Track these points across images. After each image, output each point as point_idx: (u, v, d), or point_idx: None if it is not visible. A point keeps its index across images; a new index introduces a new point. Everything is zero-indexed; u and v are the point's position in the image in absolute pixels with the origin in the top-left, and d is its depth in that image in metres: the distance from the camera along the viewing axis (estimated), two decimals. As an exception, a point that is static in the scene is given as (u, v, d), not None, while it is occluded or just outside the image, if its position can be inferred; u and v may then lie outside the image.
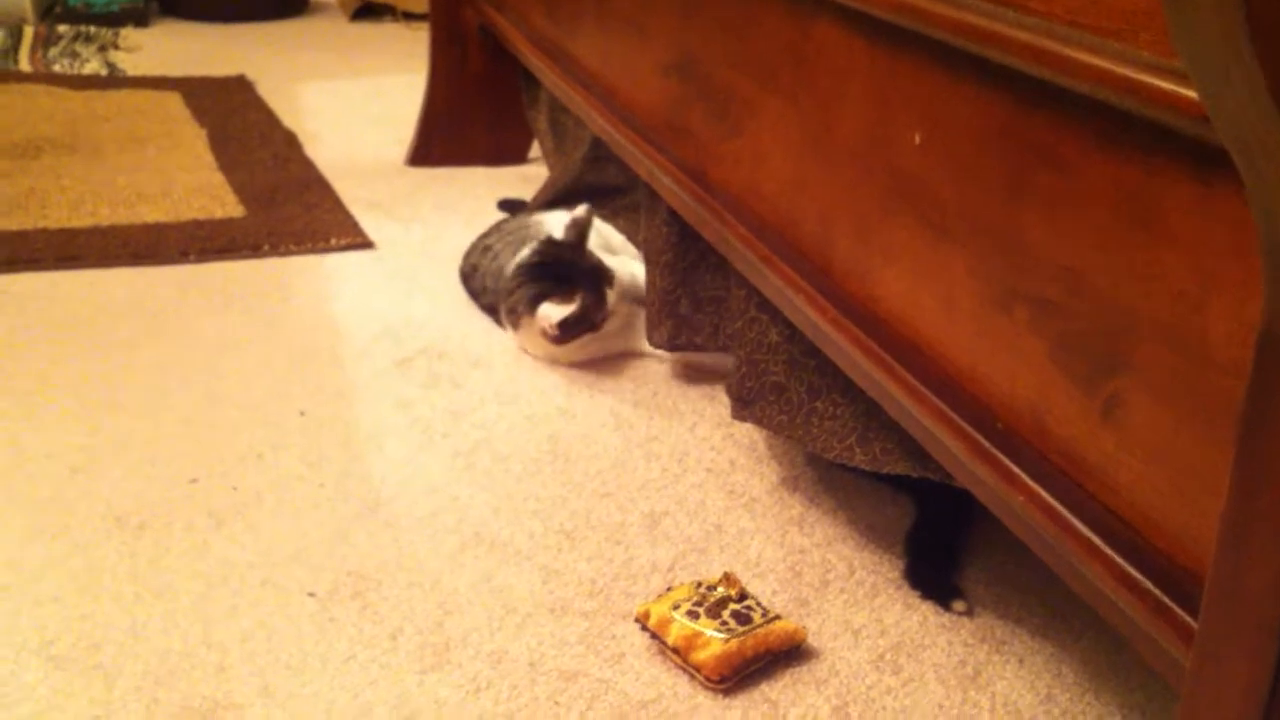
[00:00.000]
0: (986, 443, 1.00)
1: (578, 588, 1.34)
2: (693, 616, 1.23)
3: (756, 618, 1.24)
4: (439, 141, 2.80)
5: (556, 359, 1.84)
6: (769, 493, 1.54)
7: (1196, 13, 0.55)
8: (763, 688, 1.21)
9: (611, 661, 1.24)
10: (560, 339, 1.79)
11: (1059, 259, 0.93)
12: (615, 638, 1.27)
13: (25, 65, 3.53)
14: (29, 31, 3.89)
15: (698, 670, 1.21)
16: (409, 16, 4.37)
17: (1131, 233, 0.85)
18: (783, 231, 1.38)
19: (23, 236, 2.21)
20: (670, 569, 1.38)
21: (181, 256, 2.18)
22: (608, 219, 2.14)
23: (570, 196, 2.23)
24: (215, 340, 1.88)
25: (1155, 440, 0.85)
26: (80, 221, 2.30)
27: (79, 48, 3.74)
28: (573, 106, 2.06)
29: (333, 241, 2.27)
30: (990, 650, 1.28)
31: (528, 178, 2.71)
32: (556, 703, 1.18)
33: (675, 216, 1.66)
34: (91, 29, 3.98)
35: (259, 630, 1.25)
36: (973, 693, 1.22)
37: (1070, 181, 0.91)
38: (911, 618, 1.33)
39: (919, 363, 1.11)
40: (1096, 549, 0.88)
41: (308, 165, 2.71)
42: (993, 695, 1.22)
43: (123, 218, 2.33)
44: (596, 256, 1.87)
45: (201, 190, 2.51)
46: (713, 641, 1.20)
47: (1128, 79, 0.80)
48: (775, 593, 1.35)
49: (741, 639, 1.21)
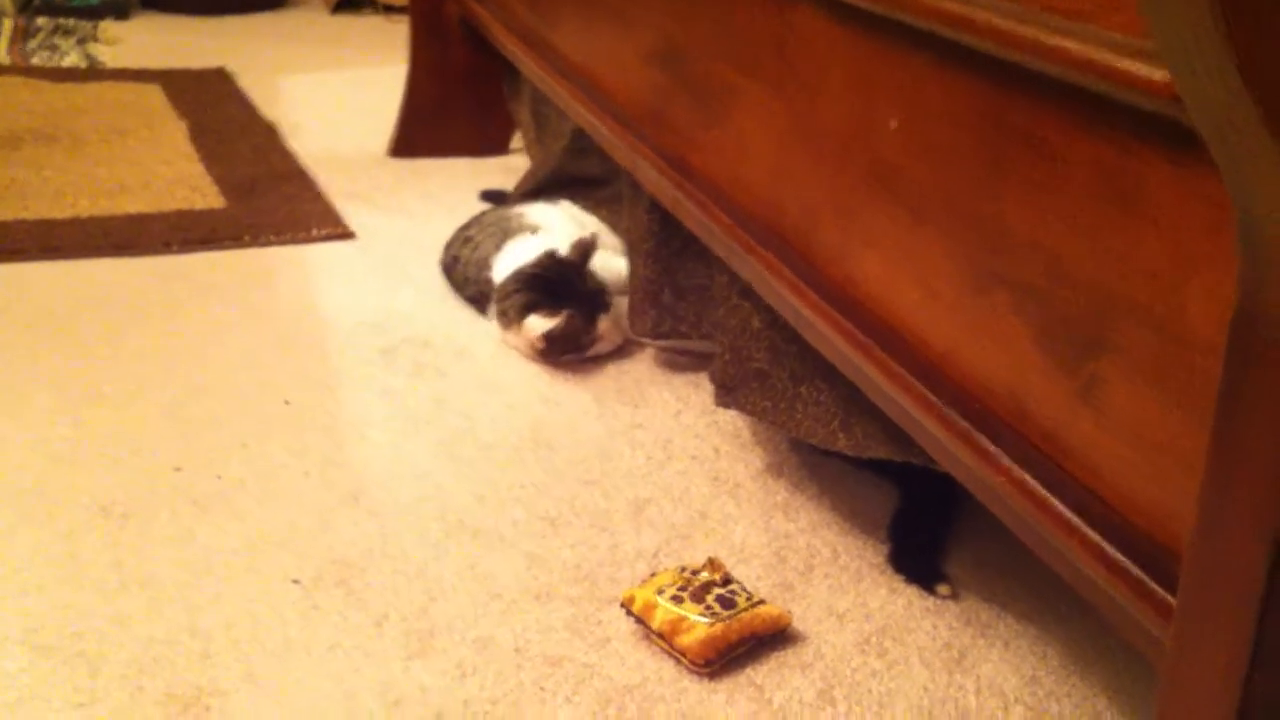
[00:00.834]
0: (966, 425, 1.01)
1: (562, 574, 1.35)
2: (677, 601, 1.24)
3: (741, 602, 1.25)
4: (421, 133, 2.80)
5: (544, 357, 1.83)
6: (753, 479, 1.54)
7: (1169, -10, 0.55)
8: (748, 671, 1.22)
9: (596, 646, 1.24)
10: (545, 353, 1.79)
11: (1037, 241, 0.93)
12: (600, 623, 1.27)
13: (4, 58, 3.51)
14: (7, 24, 3.87)
15: (683, 654, 1.21)
16: (389, 9, 4.36)
17: (1109, 214, 0.86)
18: (764, 218, 1.38)
19: (4, 227, 2.20)
20: (655, 555, 1.39)
21: (163, 247, 2.17)
22: (589, 210, 2.14)
23: (551, 187, 2.23)
24: (198, 330, 1.88)
25: (1134, 421, 0.86)
26: (61, 213, 2.29)
27: (58, 40, 3.73)
28: (554, 97, 2.06)
29: (314, 232, 2.27)
30: (975, 633, 1.29)
31: (510, 168, 2.71)
32: (542, 688, 1.18)
33: (657, 205, 1.66)
34: (70, 21, 3.96)
35: (243, 618, 1.25)
36: (958, 675, 1.23)
37: (1047, 164, 0.91)
38: (896, 601, 1.33)
39: (899, 347, 1.12)
40: (1076, 529, 0.88)
41: (288, 157, 2.70)
42: (978, 678, 1.23)
43: (104, 209, 2.33)
44: (599, 281, 1.86)
45: (182, 181, 2.50)
46: (697, 626, 1.21)
47: (1101, 62, 0.80)
48: (760, 578, 1.36)
49: (726, 623, 1.22)
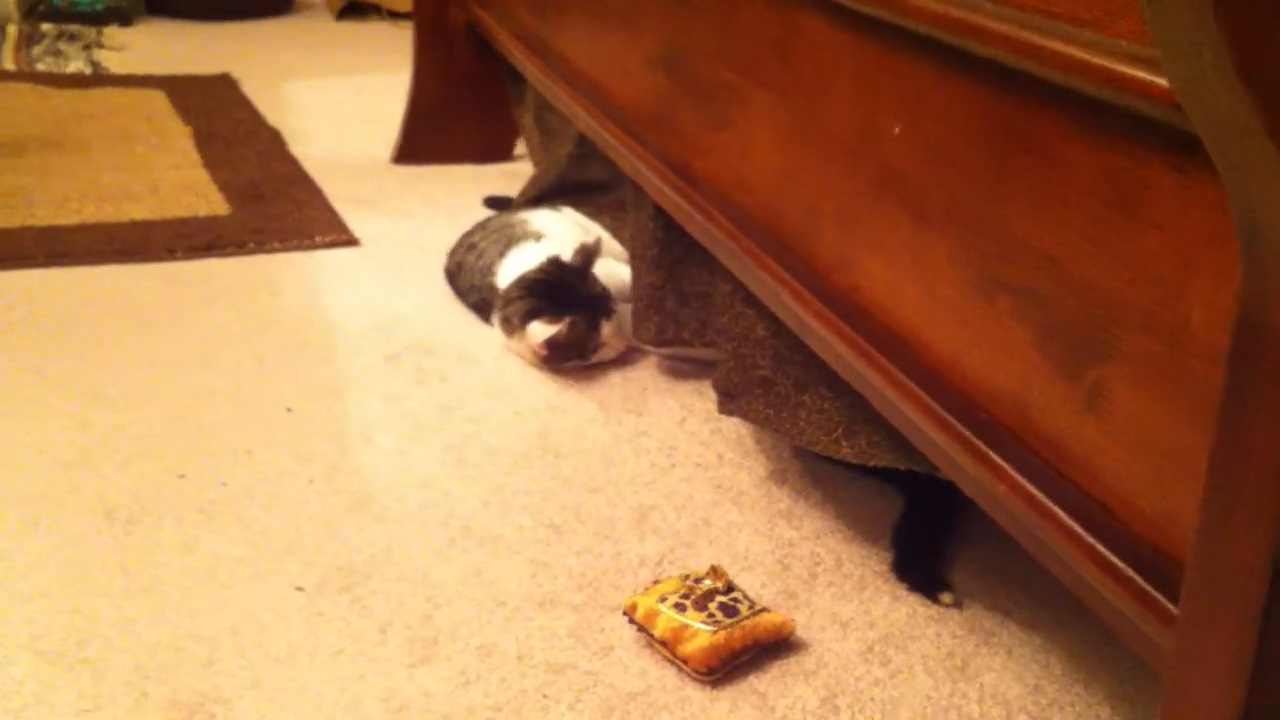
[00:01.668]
0: (969, 433, 1.01)
1: (566, 581, 1.35)
2: (680, 609, 1.23)
3: (744, 610, 1.25)
4: (425, 139, 2.80)
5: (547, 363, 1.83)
6: (757, 486, 1.54)
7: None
8: (751, 679, 1.22)
9: (600, 654, 1.24)
10: (548, 359, 1.79)
11: (1040, 247, 0.93)
12: (603, 630, 1.27)
13: (9, 64, 3.52)
14: (12, 30, 3.88)
15: (685, 662, 1.21)
16: (395, 15, 4.37)
17: (1112, 220, 0.86)
18: (767, 225, 1.38)
19: (9, 234, 2.21)
20: (658, 562, 1.39)
21: (168, 254, 2.18)
22: (592, 216, 2.14)
23: (555, 193, 2.23)
24: (203, 336, 1.88)
25: (1137, 427, 0.86)
26: (66, 219, 2.30)
27: (63, 46, 3.73)
28: (558, 103, 2.06)
29: (318, 238, 2.27)
30: (978, 642, 1.29)
31: (514, 175, 2.72)
32: (545, 695, 1.18)
33: (661, 212, 1.66)
34: (75, 28, 3.97)
35: (248, 624, 1.25)
36: (961, 684, 1.23)
37: (1051, 170, 0.91)
38: (899, 610, 1.33)
39: (902, 354, 1.12)
40: (1079, 537, 0.88)
41: (293, 163, 2.70)
42: (981, 686, 1.23)
43: (109, 215, 2.33)
44: (602, 286, 1.86)
45: (187, 188, 2.50)
46: (700, 634, 1.21)
47: (1104, 68, 0.81)
48: (763, 585, 1.36)
49: (729, 631, 1.22)
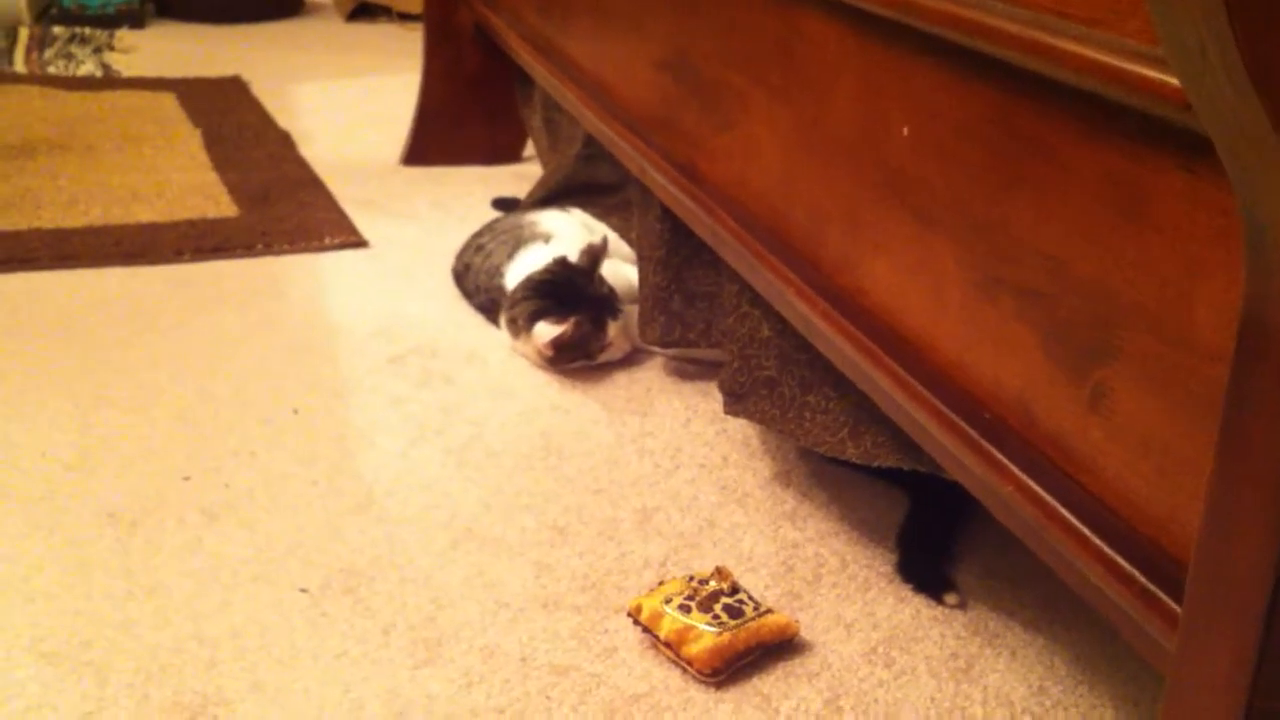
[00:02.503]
0: (974, 433, 1.00)
1: (570, 583, 1.34)
2: (684, 610, 1.23)
3: (748, 611, 1.24)
4: (433, 140, 2.80)
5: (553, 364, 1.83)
6: (761, 487, 1.54)
7: (1174, -7, 0.55)
8: (755, 681, 1.21)
9: (603, 656, 1.24)
10: (554, 360, 1.79)
11: (1046, 248, 0.93)
12: (607, 632, 1.27)
13: (20, 67, 3.53)
14: (24, 33, 3.89)
15: (689, 664, 1.21)
16: (404, 17, 4.37)
17: (1118, 221, 0.85)
18: (773, 225, 1.38)
19: (17, 236, 2.21)
20: (662, 564, 1.38)
21: (175, 256, 2.18)
22: (600, 217, 2.14)
23: (563, 194, 2.23)
24: (208, 338, 1.88)
25: (1141, 428, 0.85)
26: (74, 221, 2.30)
27: (74, 49, 3.74)
28: (565, 104, 2.06)
29: (327, 240, 2.27)
30: (982, 643, 1.28)
31: (522, 176, 2.71)
32: (548, 697, 1.18)
33: (667, 213, 1.66)
34: (86, 30, 3.98)
35: (251, 626, 1.25)
36: (965, 685, 1.22)
37: (1057, 171, 0.91)
38: (904, 611, 1.33)
39: (907, 354, 1.12)
40: (1083, 537, 0.88)
41: (302, 165, 2.71)
42: (985, 688, 1.22)
43: (117, 217, 2.33)
44: (609, 286, 1.86)
45: (196, 190, 2.51)
46: (704, 635, 1.21)
47: (1113, 67, 0.80)
48: (767, 587, 1.35)
49: (734, 632, 1.21)
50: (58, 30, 3.95)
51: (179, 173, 2.61)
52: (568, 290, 1.82)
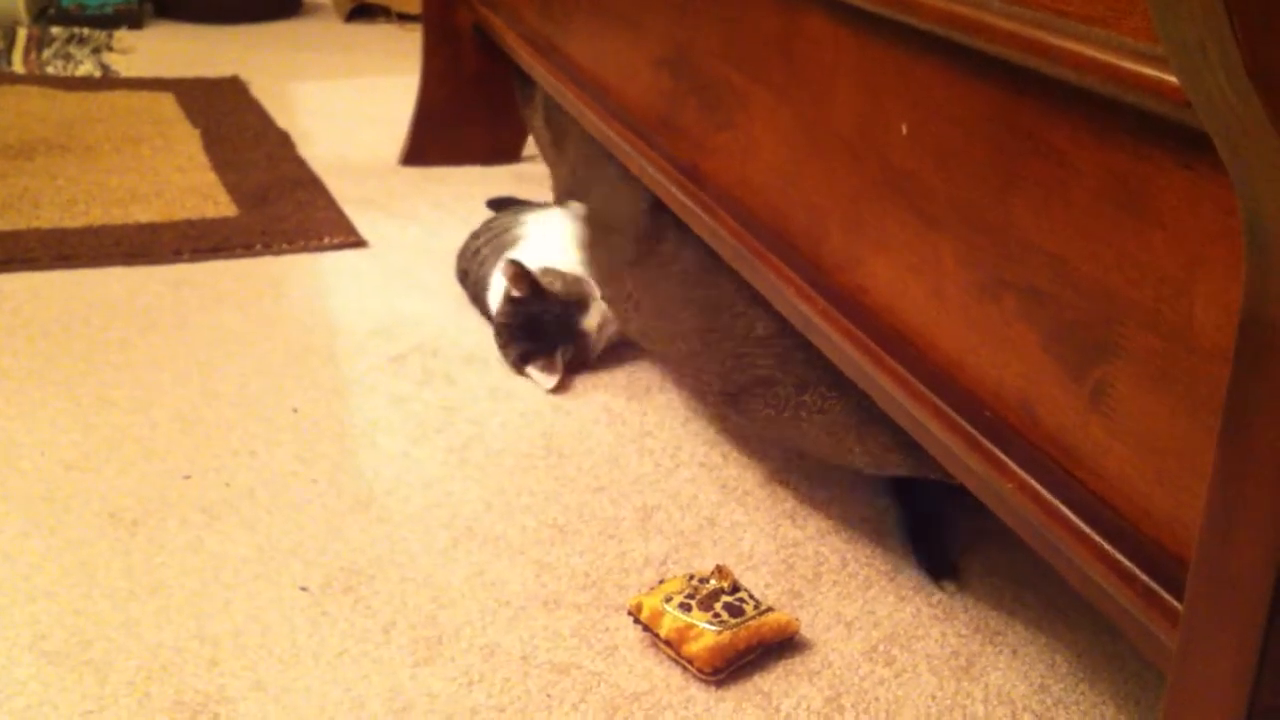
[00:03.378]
0: (976, 432, 1.00)
1: (570, 581, 1.34)
2: (685, 609, 1.23)
3: (749, 610, 1.24)
4: (433, 140, 2.80)
5: None
6: (761, 486, 1.54)
7: (1175, -9, 0.55)
8: (755, 679, 1.22)
9: (604, 654, 1.24)
10: (559, 388, 1.80)
11: (1047, 246, 0.93)
12: (608, 631, 1.27)
13: (19, 67, 3.53)
14: (22, 33, 3.89)
15: (690, 662, 1.21)
16: (403, 17, 4.37)
17: (1119, 219, 0.85)
18: (773, 224, 1.38)
19: (16, 236, 2.21)
20: (663, 563, 1.38)
21: (174, 256, 2.18)
22: None
23: (573, 195, 2.22)
24: (208, 338, 1.88)
25: (1143, 427, 0.85)
26: (73, 221, 2.30)
27: (73, 49, 3.74)
28: (565, 103, 2.06)
29: (326, 240, 2.27)
30: (983, 641, 1.28)
31: (522, 176, 2.72)
32: (549, 695, 1.18)
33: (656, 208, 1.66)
34: (85, 31, 3.98)
35: (252, 625, 1.25)
36: (966, 683, 1.22)
37: (1058, 169, 0.91)
38: (904, 609, 1.33)
39: (908, 353, 1.12)
40: (1085, 536, 0.88)
41: (301, 165, 2.71)
42: (986, 686, 1.22)
43: (116, 217, 2.33)
44: (561, 294, 1.83)
45: (195, 190, 2.51)
46: (705, 634, 1.21)
47: (1112, 66, 0.80)
48: (768, 585, 1.35)
49: (734, 631, 1.21)
50: (56, 30, 3.95)
51: (178, 173, 2.61)
52: (531, 323, 1.81)
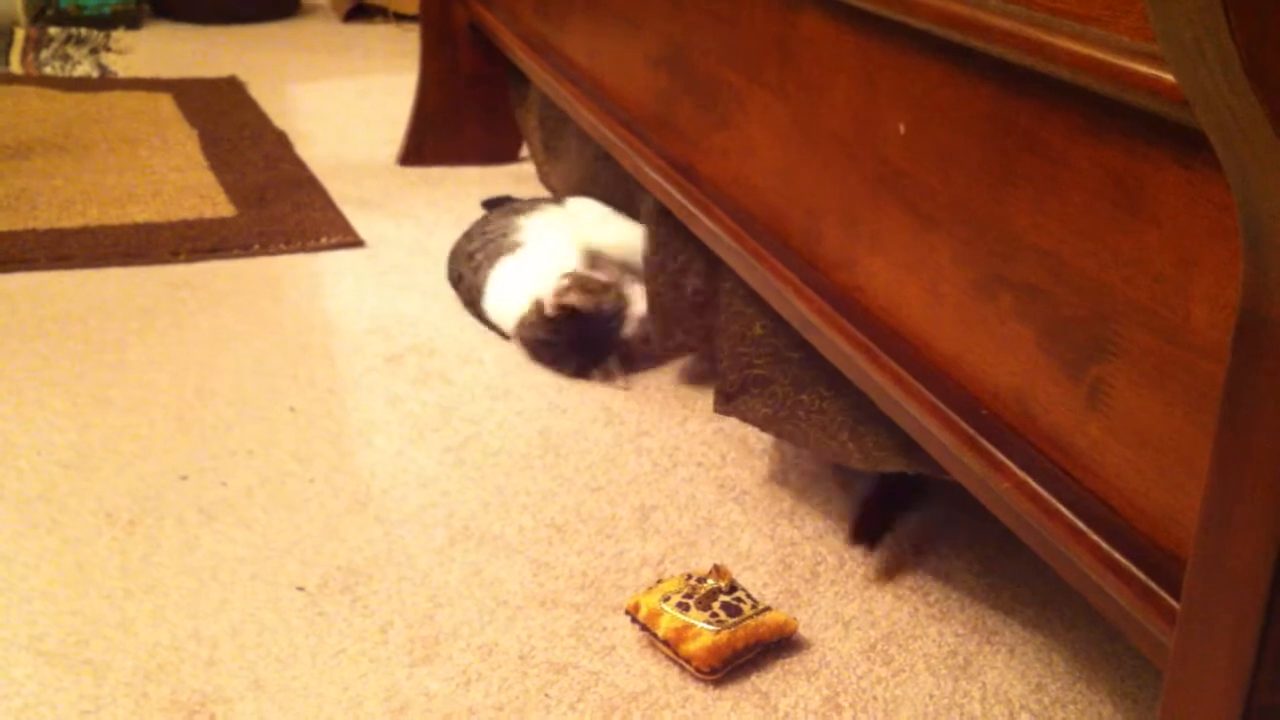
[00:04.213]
0: (972, 430, 1.00)
1: (568, 581, 1.34)
2: (683, 608, 1.23)
3: (747, 609, 1.24)
4: (430, 141, 2.80)
5: None
6: (759, 486, 1.54)
7: (1171, -11, 0.55)
8: (753, 679, 1.22)
9: (602, 654, 1.24)
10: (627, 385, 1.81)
11: (1043, 245, 0.93)
12: (606, 630, 1.27)
13: (16, 68, 3.53)
14: (20, 34, 3.88)
15: (688, 662, 1.21)
16: (401, 18, 4.37)
17: (1115, 218, 0.86)
18: (770, 223, 1.38)
19: (13, 237, 2.21)
20: (660, 562, 1.38)
21: (172, 256, 2.18)
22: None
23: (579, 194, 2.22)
24: (206, 338, 1.88)
25: (1139, 425, 0.85)
26: (71, 222, 2.30)
27: (70, 50, 3.74)
28: (561, 102, 2.06)
29: (323, 240, 2.27)
30: (981, 640, 1.28)
31: (519, 177, 2.72)
32: (547, 695, 1.18)
33: (664, 211, 1.66)
34: (83, 31, 3.97)
35: (249, 624, 1.25)
36: (963, 682, 1.22)
37: (1054, 168, 0.91)
38: (902, 609, 1.33)
39: (905, 352, 1.12)
40: (1082, 534, 0.88)
41: (299, 165, 2.70)
42: (983, 685, 1.22)
43: (113, 218, 2.33)
44: (600, 310, 1.81)
45: (192, 190, 2.51)
46: (703, 633, 1.21)
47: (1108, 64, 0.80)
48: (766, 585, 1.35)
49: (732, 630, 1.21)
50: (54, 31, 3.95)
51: (175, 173, 2.61)
52: (576, 339, 1.81)
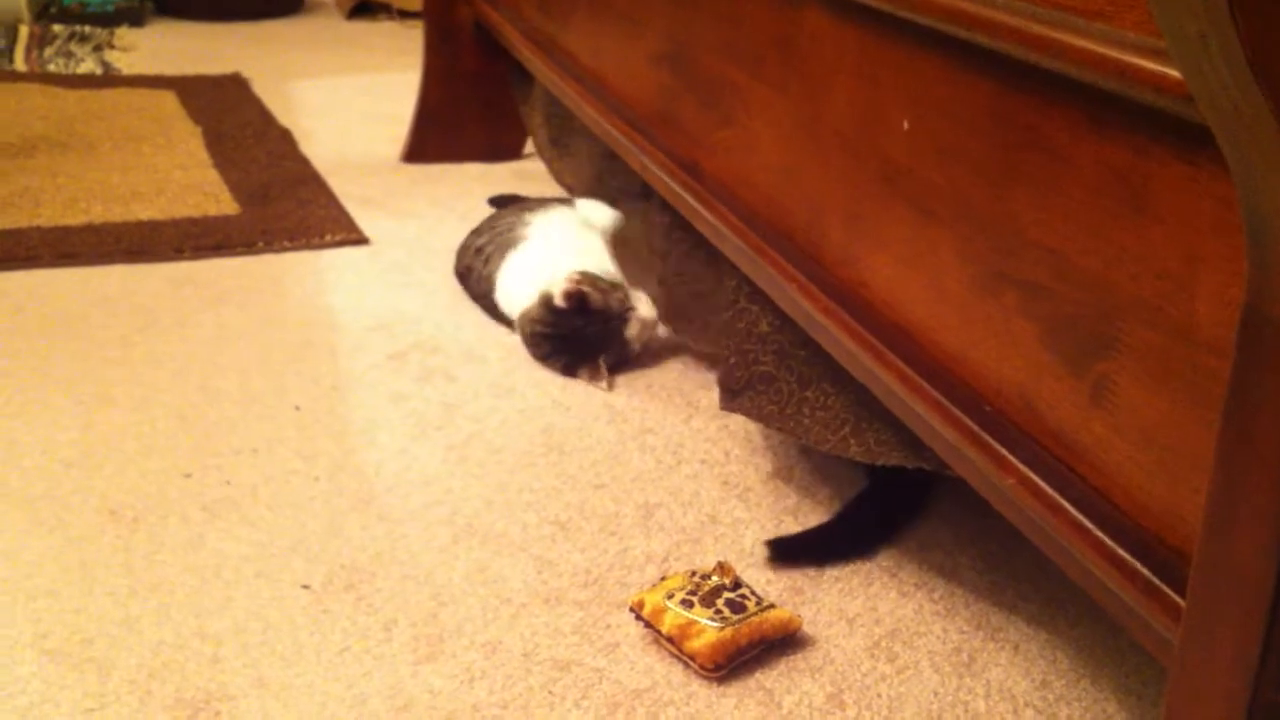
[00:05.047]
0: (976, 427, 1.00)
1: (572, 578, 1.34)
2: (687, 605, 1.23)
3: (751, 606, 1.24)
4: (434, 138, 2.80)
5: None
6: (763, 483, 1.54)
7: (1174, -16, 0.55)
8: (757, 676, 1.21)
9: (606, 651, 1.24)
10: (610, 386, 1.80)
11: (1047, 241, 0.93)
12: (609, 627, 1.27)
13: (20, 65, 3.53)
14: (24, 31, 3.89)
15: (692, 659, 1.21)
16: (405, 14, 4.37)
17: (1119, 214, 0.85)
18: (774, 220, 1.38)
19: (17, 234, 2.21)
20: (664, 559, 1.38)
21: (175, 253, 2.18)
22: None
23: (592, 194, 2.22)
24: (209, 336, 1.88)
25: (1143, 421, 0.85)
26: (74, 219, 2.30)
27: (74, 47, 3.74)
28: (565, 100, 2.06)
29: (327, 238, 2.27)
30: (985, 637, 1.28)
31: (523, 174, 2.72)
32: (551, 692, 1.18)
33: (667, 206, 1.66)
34: (86, 29, 3.98)
35: (253, 622, 1.25)
36: (967, 679, 1.22)
37: (1058, 164, 0.91)
38: (906, 606, 1.33)
39: (909, 348, 1.12)
40: (1086, 531, 0.88)
41: (303, 162, 2.70)
42: (987, 682, 1.22)
43: (117, 215, 2.33)
44: (608, 307, 1.81)
45: (196, 187, 2.51)
46: (707, 630, 1.20)
47: (1112, 60, 0.80)
48: (770, 582, 1.35)
49: (736, 627, 1.21)
50: (57, 29, 3.95)
51: (179, 171, 2.61)
52: (575, 333, 1.80)
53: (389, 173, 2.72)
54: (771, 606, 1.26)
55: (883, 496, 1.47)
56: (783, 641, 1.25)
